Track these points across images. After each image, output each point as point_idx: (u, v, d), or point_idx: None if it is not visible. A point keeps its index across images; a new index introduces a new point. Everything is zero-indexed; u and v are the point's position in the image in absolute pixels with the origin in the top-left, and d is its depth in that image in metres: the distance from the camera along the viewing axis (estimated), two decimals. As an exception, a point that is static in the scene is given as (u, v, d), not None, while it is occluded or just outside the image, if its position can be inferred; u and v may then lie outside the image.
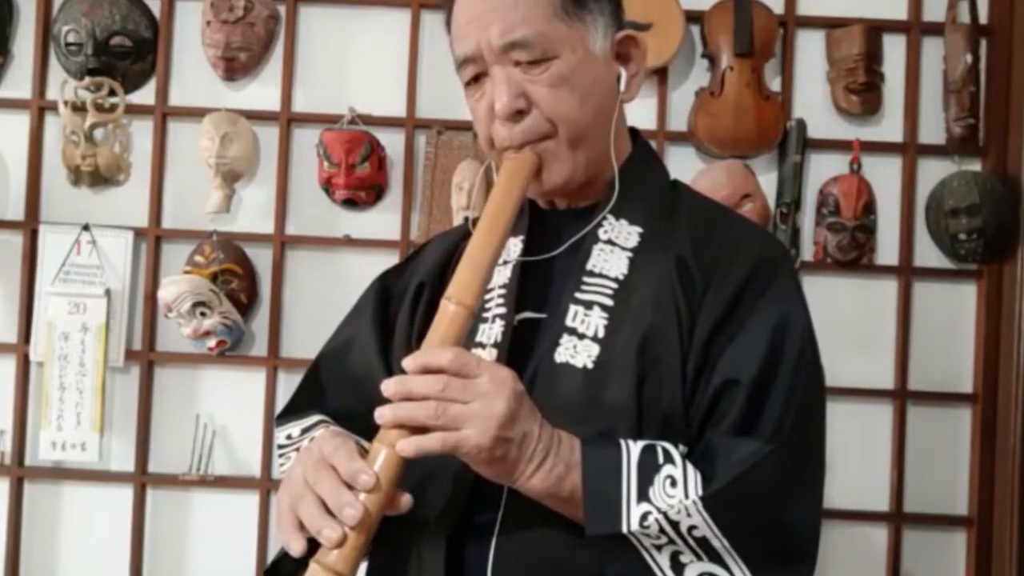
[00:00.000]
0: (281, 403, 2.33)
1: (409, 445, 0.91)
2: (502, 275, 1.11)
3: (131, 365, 2.39)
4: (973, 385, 2.39)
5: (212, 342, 2.29)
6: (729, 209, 1.22)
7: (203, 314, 2.25)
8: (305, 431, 1.14)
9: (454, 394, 0.91)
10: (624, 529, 0.93)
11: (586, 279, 1.07)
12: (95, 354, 2.32)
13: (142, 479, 2.37)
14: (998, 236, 2.33)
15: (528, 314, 1.08)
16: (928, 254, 2.41)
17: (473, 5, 1.07)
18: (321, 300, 2.39)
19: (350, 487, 0.92)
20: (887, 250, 2.40)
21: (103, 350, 2.32)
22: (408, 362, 0.94)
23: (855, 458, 2.33)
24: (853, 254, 2.35)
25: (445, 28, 1.13)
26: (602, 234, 1.09)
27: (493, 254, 1.01)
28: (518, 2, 1.04)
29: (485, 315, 1.08)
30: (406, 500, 0.94)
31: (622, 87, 1.11)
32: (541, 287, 1.10)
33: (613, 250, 1.08)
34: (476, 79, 1.08)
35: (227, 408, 2.40)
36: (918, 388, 2.39)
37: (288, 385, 2.38)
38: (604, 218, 1.10)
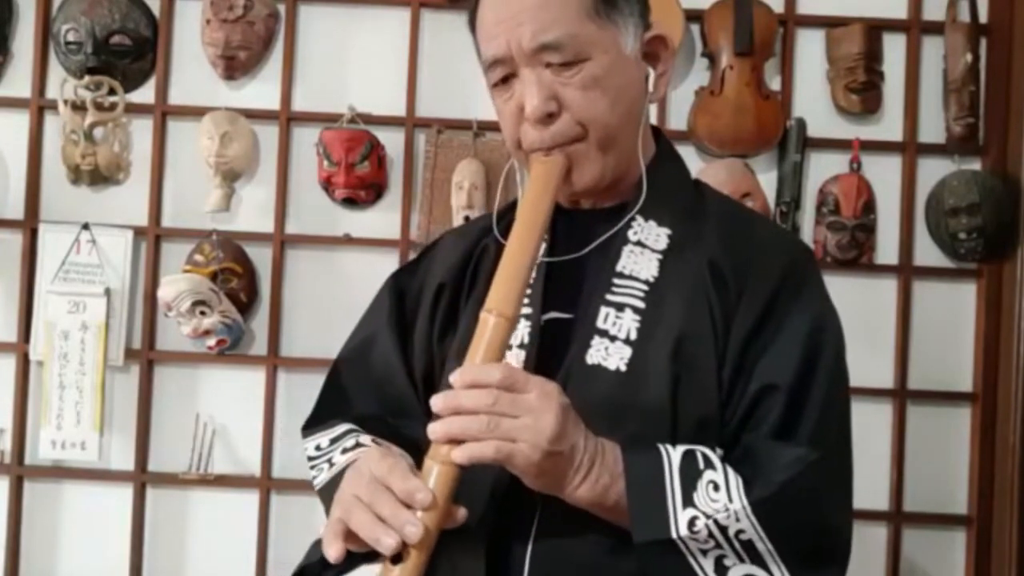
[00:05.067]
0: (281, 402, 2.37)
1: (463, 452, 0.90)
2: None
3: (131, 364, 2.38)
4: (973, 384, 2.39)
5: (212, 341, 2.29)
6: (752, 209, 1.23)
7: (203, 313, 2.25)
8: (335, 441, 1.13)
9: (504, 408, 0.90)
10: (673, 535, 0.93)
11: (616, 281, 1.06)
12: (95, 353, 2.32)
13: (142, 478, 2.37)
14: (998, 235, 2.33)
15: (554, 314, 1.08)
16: (928, 253, 2.41)
17: (502, 5, 1.04)
18: (321, 299, 2.39)
19: (407, 506, 0.91)
20: (887, 249, 2.40)
21: (103, 349, 2.32)
22: (456, 378, 0.93)
23: (855, 457, 2.32)
24: (853, 253, 2.35)
25: (468, 27, 1.11)
26: (631, 235, 1.08)
27: (529, 262, 1.00)
28: (549, 3, 1.02)
29: None
30: (462, 513, 0.94)
31: (650, 87, 1.10)
32: (567, 287, 1.09)
33: (643, 252, 1.07)
34: (504, 80, 1.07)
35: (227, 407, 2.40)
36: (918, 387, 2.38)
37: (288, 384, 2.38)
38: (633, 219, 1.09)
